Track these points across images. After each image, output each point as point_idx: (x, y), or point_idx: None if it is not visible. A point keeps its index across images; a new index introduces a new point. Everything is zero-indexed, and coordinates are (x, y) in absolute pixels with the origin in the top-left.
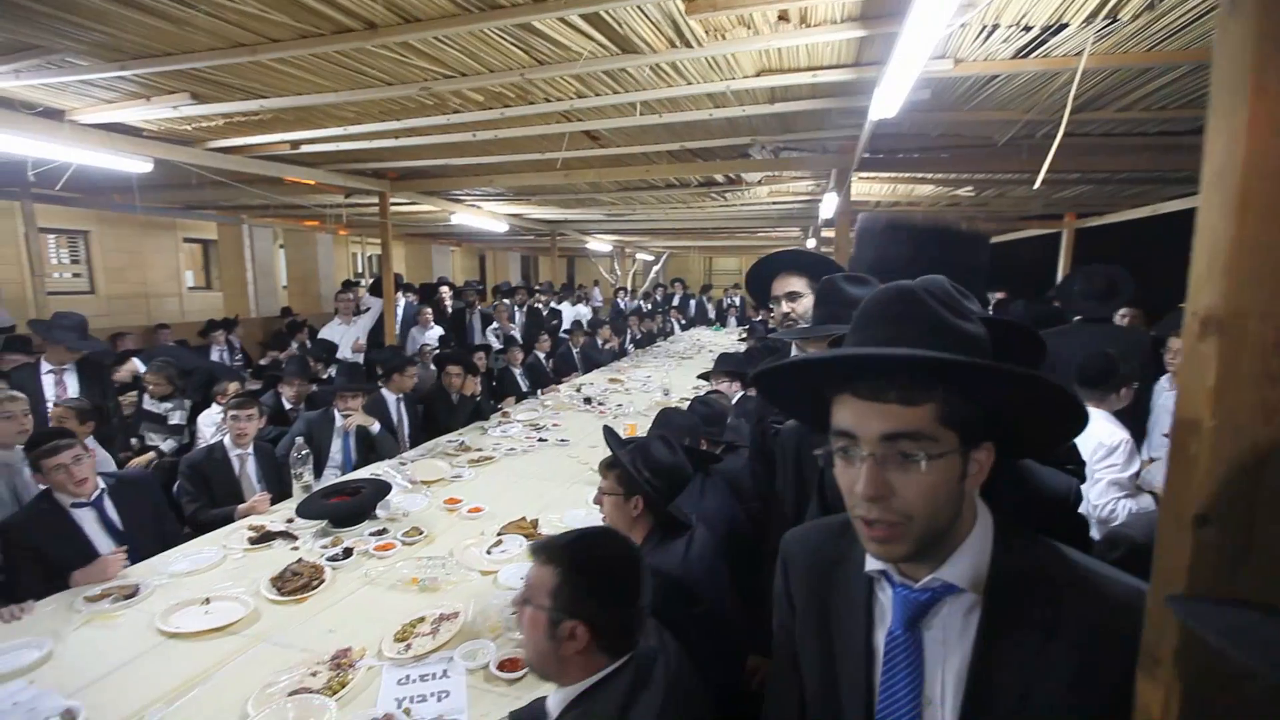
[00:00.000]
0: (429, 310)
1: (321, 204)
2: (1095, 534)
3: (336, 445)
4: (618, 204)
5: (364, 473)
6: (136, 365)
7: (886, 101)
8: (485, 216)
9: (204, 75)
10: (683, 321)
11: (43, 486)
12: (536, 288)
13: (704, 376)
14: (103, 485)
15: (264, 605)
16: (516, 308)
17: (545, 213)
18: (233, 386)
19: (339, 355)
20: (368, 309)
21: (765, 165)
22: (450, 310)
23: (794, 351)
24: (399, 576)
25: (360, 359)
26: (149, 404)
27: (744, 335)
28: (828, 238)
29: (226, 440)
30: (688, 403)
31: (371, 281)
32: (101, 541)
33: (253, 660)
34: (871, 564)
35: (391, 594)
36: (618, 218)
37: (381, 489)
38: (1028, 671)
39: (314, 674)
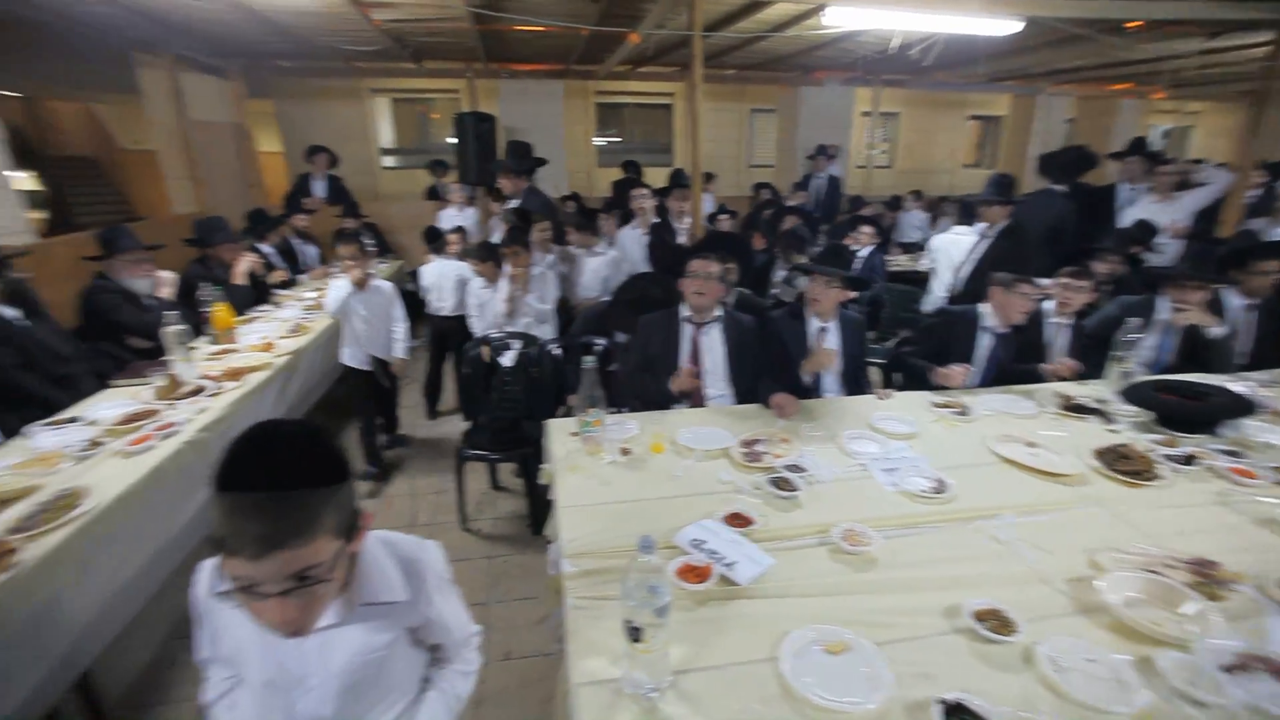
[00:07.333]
0: None
1: (1164, 57)
2: None
3: (1152, 341)
4: None
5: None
6: None
7: None
8: None
9: None
10: None
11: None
12: None
13: None
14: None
15: (1089, 472)
16: None
17: None
18: None
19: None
20: (1200, 184)
21: None
22: None
23: None
24: (1275, 515)
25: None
26: None
27: None
28: None
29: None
30: None
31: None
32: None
33: (1086, 518)
34: None
35: (1260, 529)
36: None
37: (1238, 405)
38: None
39: (1169, 566)
